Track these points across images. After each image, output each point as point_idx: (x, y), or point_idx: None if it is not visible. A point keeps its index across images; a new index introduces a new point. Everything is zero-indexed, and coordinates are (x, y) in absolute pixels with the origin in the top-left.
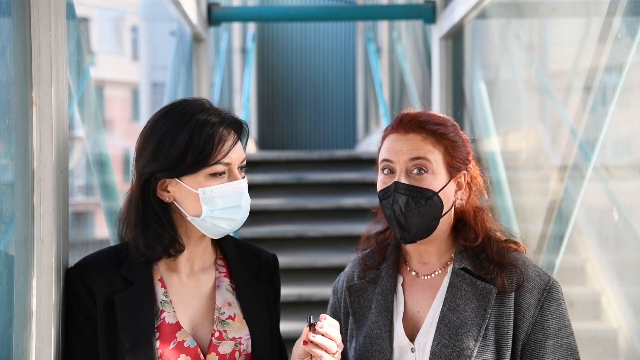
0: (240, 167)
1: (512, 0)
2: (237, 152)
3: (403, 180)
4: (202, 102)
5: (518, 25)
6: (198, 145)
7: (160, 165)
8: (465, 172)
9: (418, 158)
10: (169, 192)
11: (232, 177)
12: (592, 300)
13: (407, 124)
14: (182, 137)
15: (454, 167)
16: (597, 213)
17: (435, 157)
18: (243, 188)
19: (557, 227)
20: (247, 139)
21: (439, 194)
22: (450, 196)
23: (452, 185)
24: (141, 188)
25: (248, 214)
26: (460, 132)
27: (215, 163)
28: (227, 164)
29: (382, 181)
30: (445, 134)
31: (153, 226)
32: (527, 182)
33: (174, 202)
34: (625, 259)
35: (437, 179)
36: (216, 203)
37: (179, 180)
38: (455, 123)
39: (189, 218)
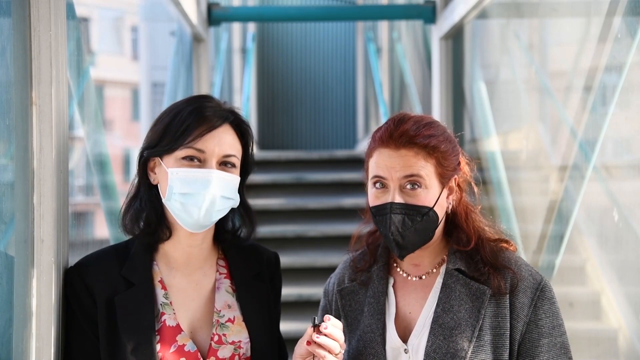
0: (224, 163)
1: (512, 0)
2: (216, 143)
3: (398, 199)
4: (201, 95)
5: (518, 25)
6: (173, 128)
7: (147, 144)
8: (456, 176)
9: (411, 175)
10: (155, 174)
11: (205, 167)
12: (592, 300)
13: (398, 139)
14: (165, 120)
15: (446, 176)
16: (597, 213)
17: (428, 171)
18: (208, 178)
19: (557, 227)
20: (247, 138)
21: (434, 207)
22: (444, 204)
23: (445, 193)
24: (139, 166)
25: (218, 209)
26: (448, 133)
27: (185, 146)
28: (200, 151)
29: (375, 196)
30: (437, 147)
31: (137, 202)
32: (527, 182)
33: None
34: (625, 259)
35: (430, 192)
36: (177, 186)
37: (161, 160)
38: (442, 125)
39: (163, 200)
